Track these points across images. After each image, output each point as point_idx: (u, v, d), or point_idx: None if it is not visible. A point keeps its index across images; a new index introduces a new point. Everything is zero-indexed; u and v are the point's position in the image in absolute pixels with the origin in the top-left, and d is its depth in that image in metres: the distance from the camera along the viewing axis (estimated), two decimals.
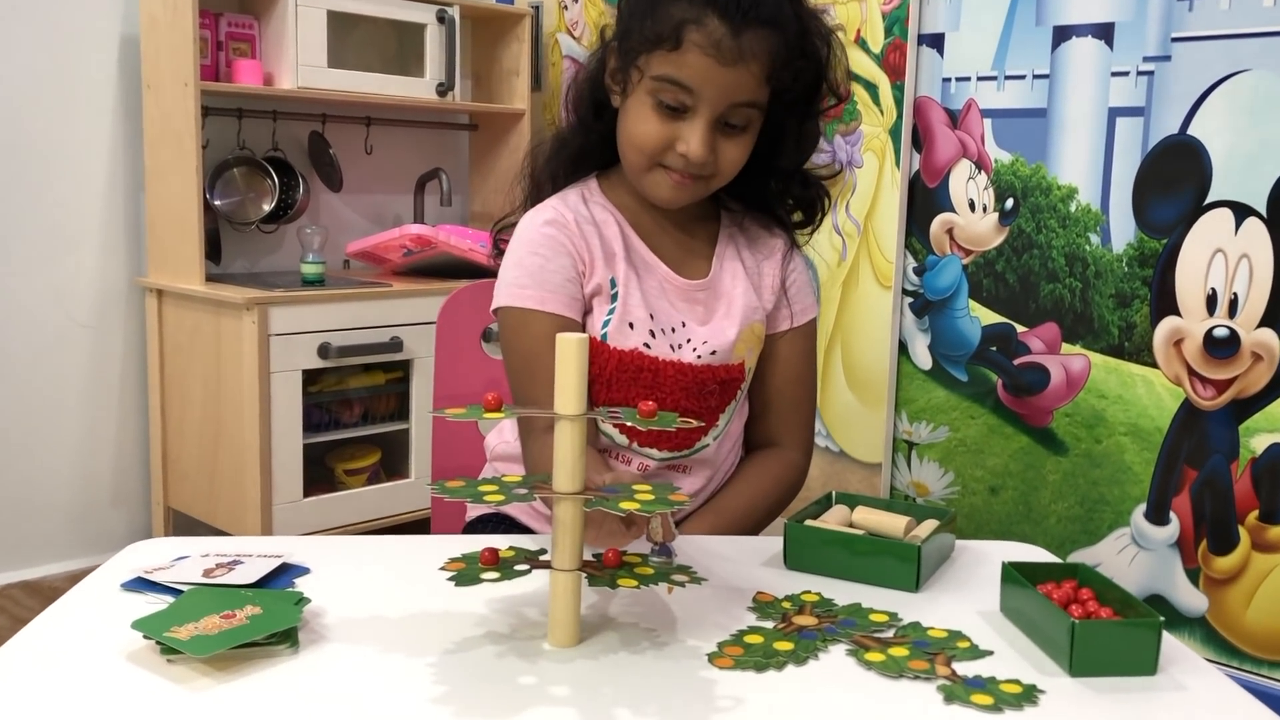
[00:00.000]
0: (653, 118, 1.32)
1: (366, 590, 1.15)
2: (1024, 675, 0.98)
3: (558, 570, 1.00)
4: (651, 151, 1.33)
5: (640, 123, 1.33)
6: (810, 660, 1.00)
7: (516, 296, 1.38)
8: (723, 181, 1.38)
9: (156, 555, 1.23)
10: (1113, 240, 2.28)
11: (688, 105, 1.30)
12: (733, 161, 1.35)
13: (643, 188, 1.39)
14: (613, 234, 1.42)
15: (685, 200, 1.38)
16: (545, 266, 1.38)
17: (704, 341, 1.42)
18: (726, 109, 1.30)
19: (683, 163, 1.32)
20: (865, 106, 2.66)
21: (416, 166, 3.50)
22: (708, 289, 1.44)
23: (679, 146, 1.31)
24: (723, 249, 1.47)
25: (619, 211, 1.44)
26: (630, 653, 1.00)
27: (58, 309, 2.93)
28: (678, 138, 1.31)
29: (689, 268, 1.45)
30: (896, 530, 1.27)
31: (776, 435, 1.53)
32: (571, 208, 1.41)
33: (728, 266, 1.46)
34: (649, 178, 1.37)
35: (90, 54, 2.90)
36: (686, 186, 1.35)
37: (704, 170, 1.34)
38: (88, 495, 3.00)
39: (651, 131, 1.32)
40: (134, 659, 0.97)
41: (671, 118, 1.31)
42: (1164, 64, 2.17)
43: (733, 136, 1.33)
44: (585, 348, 0.99)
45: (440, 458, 1.76)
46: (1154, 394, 2.23)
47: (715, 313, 1.44)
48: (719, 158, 1.33)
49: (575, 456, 0.99)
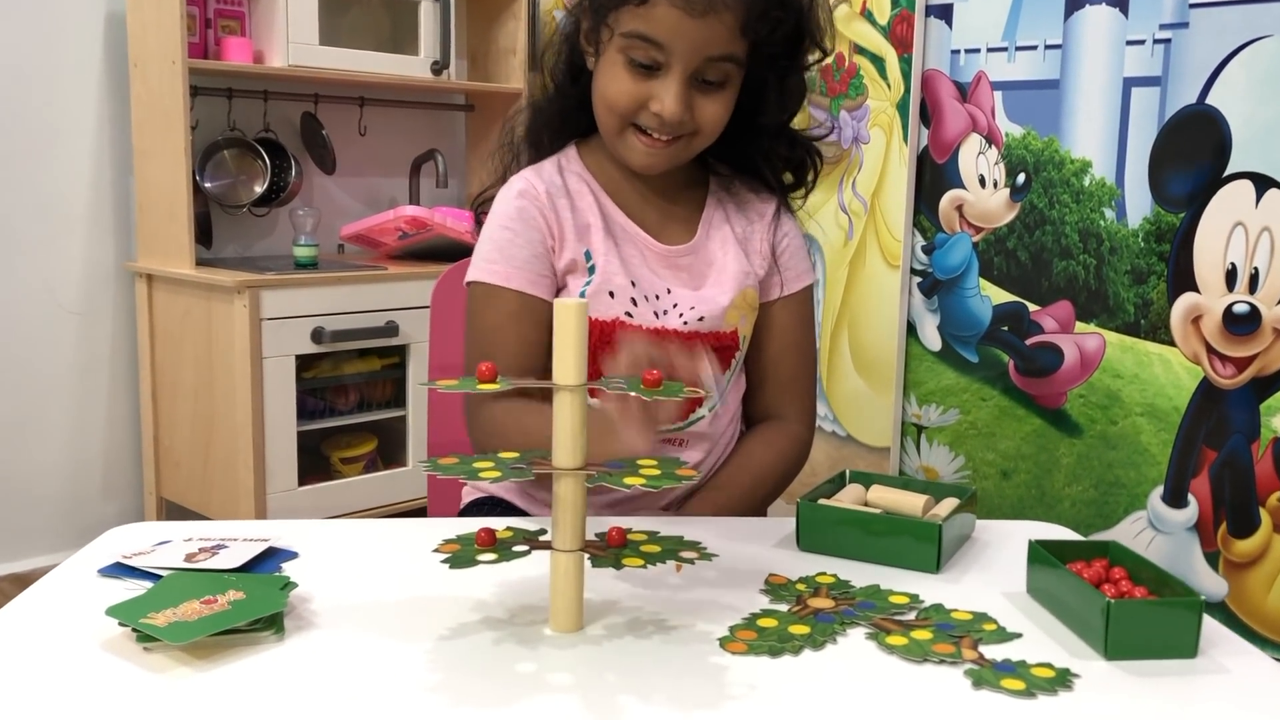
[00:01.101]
0: (624, 76, 1.27)
1: (357, 574, 1.10)
2: (1056, 659, 0.93)
3: (558, 551, 0.95)
4: (624, 111, 1.29)
5: (612, 82, 1.28)
6: (828, 644, 0.95)
7: (484, 271, 1.35)
8: (705, 142, 1.33)
9: (137, 540, 1.18)
10: (1128, 215, 2.22)
11: (660, 62, 1.25)
12: (713, 120, 1.30)
13: (618, 152, 1.34)
14: (587, 204, 1.37)
15: (663, 164, 1.33)
16: (514, 241, 1.34)
17: (691, 308, 1.37)
18: (701, 64, 1.25)
19: (657, 122, 1.27)
20: (872, 80, 2.60)
21: (411, 148, 3.45)
22: (692, 254, 1.39)
23: (653, 105, 1.26)
24: (710, 214, 1.42)
25: (596, 179, 1.39)
26: (636, 638, 0.95)
27: (45, 295, 2.88)
28: (651, 96, 1.26)
29: (671, 234, 1.40)
30: (915, 509, 1.21)
31: (776, 407, 1.48)
32: (545, 179, 1.37)
33: (715, 232, 1.41)
34: (623, 141, 1.32)
35: (75, 32, 2.84)
36: (660, 150, 1.30)
37: (681, 130, 1.29)
38: (78, 485, 2.95)
39: (623, 91, 1.27)
40: (108, 647, 0.92)
41: (644, 76, 1.26)
42: (1181, 31, 2.11)
43: (710, 93, 1.28)
44: (584, 314, 0.93)
45: (436, 443, 1.71)
46: (1171, 373, 2.17)
47: (704, 279, 1.39)
48: (697, 116, 1.28)
49: (575, 430, 0.94)
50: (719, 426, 1.43)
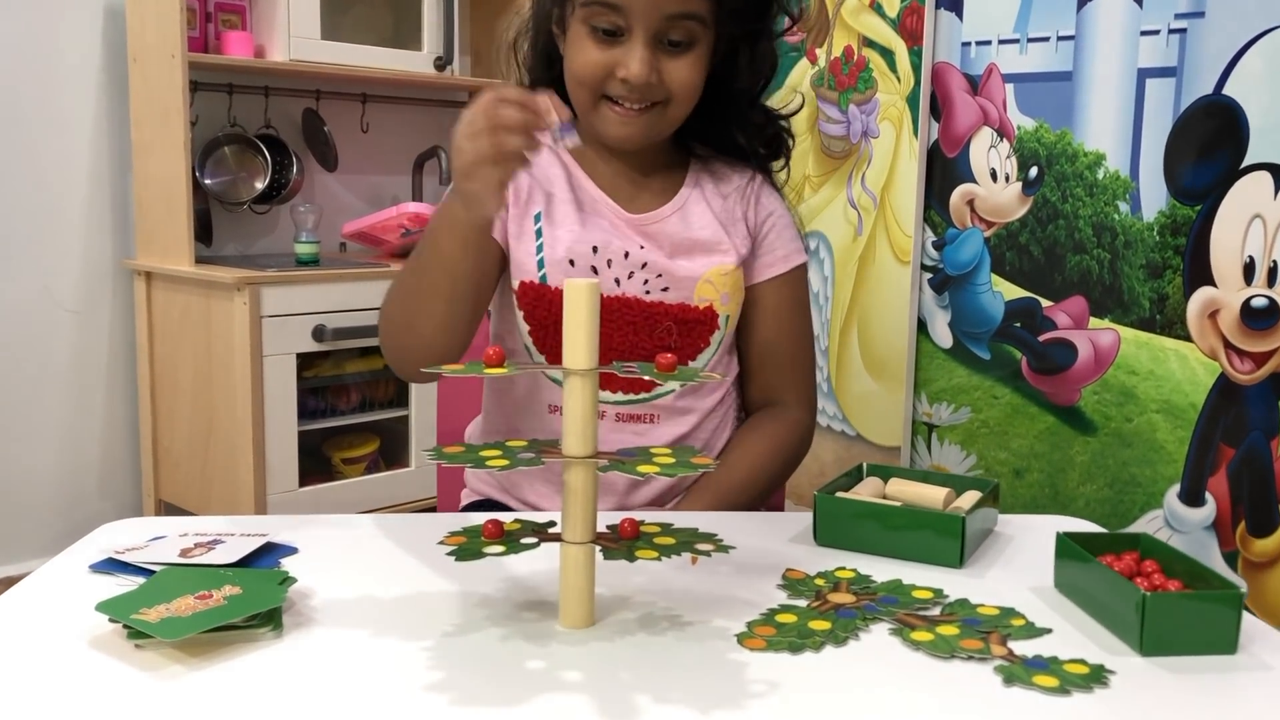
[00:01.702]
0: (589, 46, 1.26)
1: (358, 570, 1.06)
2: (1089, 655, 0.89)
3: (569, 543, 0.91)
4: (592, 82, 1.27)
5: (578, 54, 1.27)
6: (850, 640, 0.91)
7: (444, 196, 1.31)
8: (681, 109, 1.31)
9: (131, 535, 1.14)
10: (1143, 208, 2.18)
11: (621, 26, 1.24)
12: (683, 82, 1.28)
13: (593, 128, 1.32)
14: (555, 175, 1.36)
15: (639, 135, 1.31)
16: None
17: (658, 275, 1.34)
18: (662, 24, 1.24)
19: (626, 89, 1.26)
20: (881, 74, 2.56)
21: (414, 145, 3.42)
22: (664, 221, 1.36)
23: (619, 72, 1.25)
24: (688, 190, 1.39)
25: (572, 158, 1.38)
26: (650, 634, 0.92)
27: (43, 293, 2.84)
28: (617, 63, 1.25)
29: (645, 206, 1.38)
30: (936, 502, 1.18)
31: (774, 392, 1.45)
32: None
33: (693, 206, 1.38)
34: (596, 115, 1.30)
35: (73, 25, 2.81)
36: (634, 119, 1.28)
37: (652, 95, 1.27)
38: (75, 486, 2.92)
39: (589, 61, 1.26)
40: (98, 644, 0.88)
41: (609, 44, 1.25)
42: (1197, 21, 2.07)
43: (677, 55, 1.26)
44: (596, 294, 0.89)
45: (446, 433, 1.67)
46: (1188, 369, 2.13)
47: (677, 249, 1.36)
48: (666, 79, 1.27)
49: (587, 416, 0.90)
50: (696, 404, 1.39)
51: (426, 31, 3.13)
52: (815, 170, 2.71)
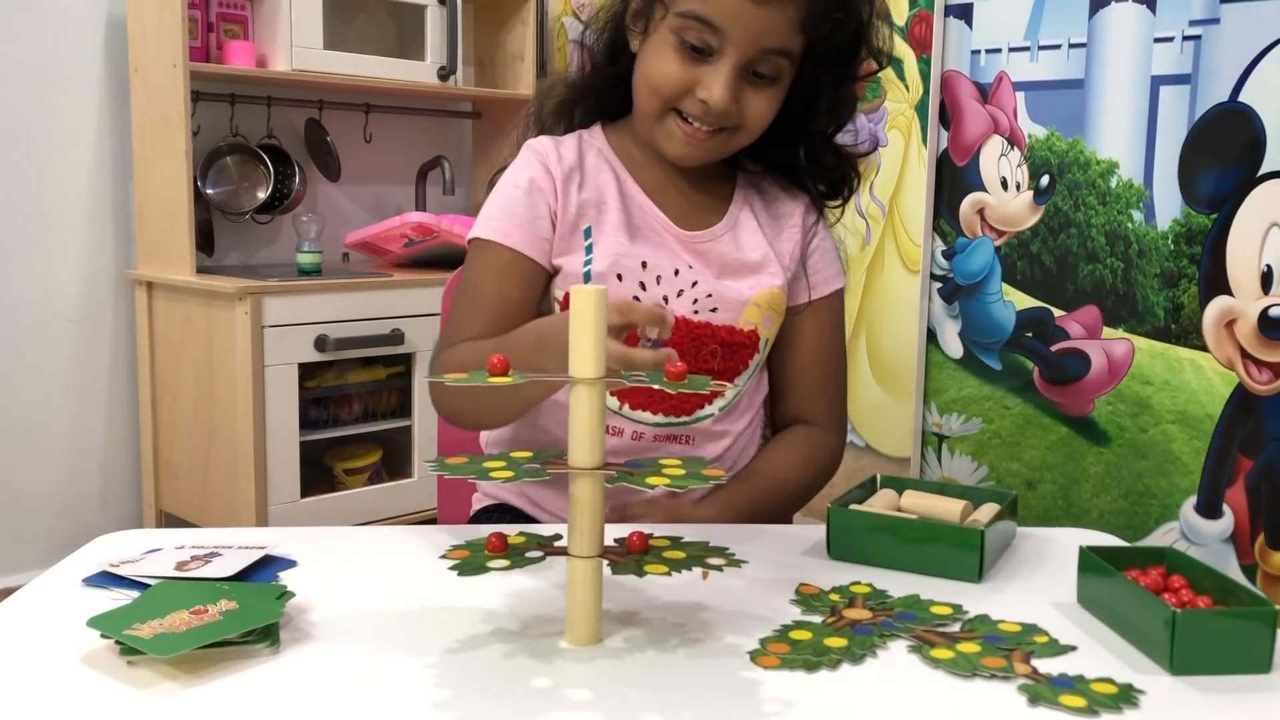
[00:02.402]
0: (673, 58, 1.22)
1: (359, 584, 1.03)
2: (1116, 674, 0.86)
3: (575, 557, 0.88)
4: (669, 94, 1.23)
5: (660, 63, 1.23)
6: (867, 658, 0.88)
7: (484, 227, 1.30)
8: (749, 139, 1.27)
9: (126, 547, 1.11)
10: (1157, 217, 2.15)
11: (713, 46, 1.19)
12: (759, 115, 1.24)
13: (654, 138, 1.28)
14: (605, 182, 1.32)
15: (700, 158, 1.27)
16: (520, 200, 1.29)
17: (708, 295, 1.30)
18: (756, 55, 1.20)
19: (702, 110, 1.22)
20: (890, 82, 2.54)
21: (418, 155, 3.39)
22: (715, 240, 1.33)
23: (699, 92, 1.21)
24: (738, 209, 1.35)
25: (620, 160, 1.34)
26: (659, 651, 0.88)
27: (43, 303, 2.82)
28: (699, 82, 1.21)
29: (694, 221, 1.33)
30: (952, 515, 1.14)
31: (805, 413, 1.42)
32: (562, 152, 1.32)
33: (743, 223, 1.35)
34: (661, 127, 1.26)
35: (74, 35, 2.80)
36: (699, 141, 1.25)
37: (725, 121, 1.23)
38: (75, 498, 2.89)
39: (671, 73, 1.22)
40: (89, 661, 0.86)
41: (695, 60, 1.21)
42: (1212, 27, 2.05)
43: (761, 88, 1.23)
44: (604, 301, 0.86)
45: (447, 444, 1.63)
46: (1204, 379, 2.10)
47: (726, 269, 1.32)
48: (744, 109, 1.23)
49: (594, 426, 0.87)
50: (731, 427, 1.36)
51: (430, 41, 3.11)
52: None
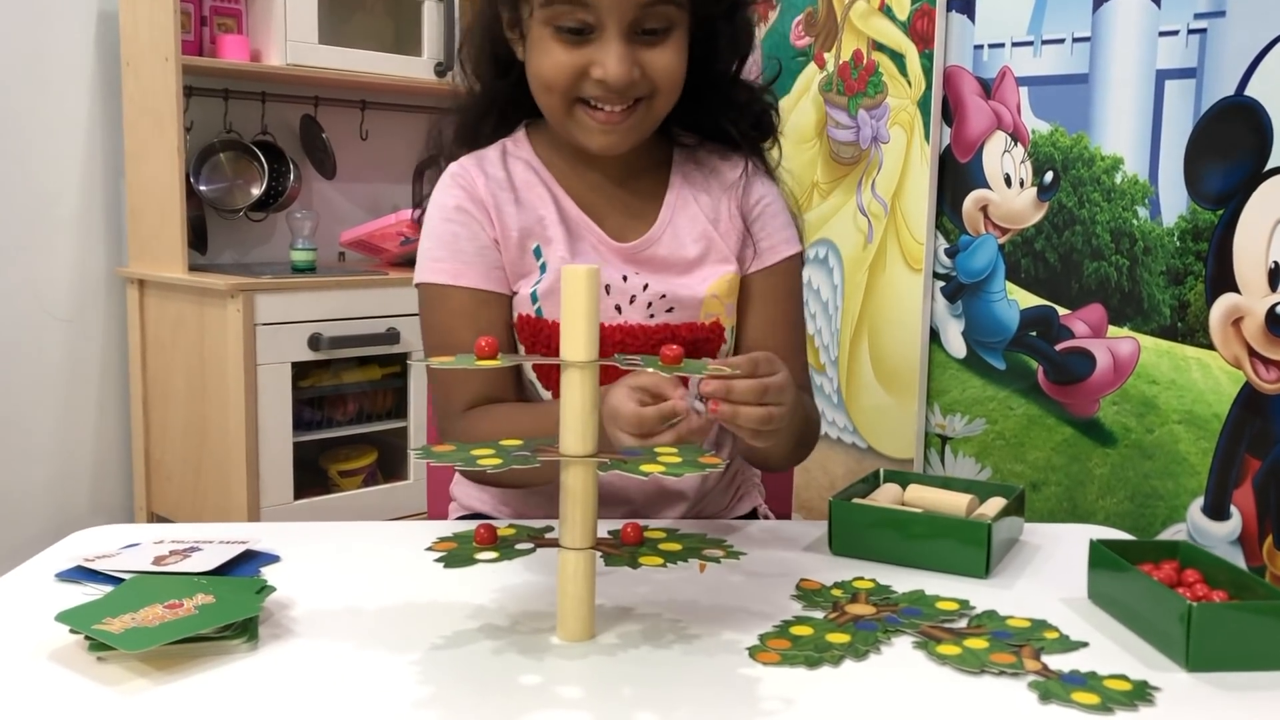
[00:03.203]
0: (557, 48, 1.13)
1: (342, 579, 1.00)
2: (1130, 670, 0.83)
3: (567, 549, 0.85)
4: (564, 87, 1.14)
5: (545, 58, 1.14)
6: (871, 654, 0.85)
7: (431, 270, 1.21)
8: (667, 102, 1.17)
9: (104, 542, 1.08)
10: (1163, 213, 2.11)
11: (590, 23, 1.11)
12: (666, 72, 1.14)
13: (572, 137, 1.19)
14: (538, 197, 1.23)
15: (627, 140, 1.18)
16: (459, 235, 1.21)
17: (661, 296, 1.22)
18: (636, 13, 1.11)
19: (603, 90, 1.13)
20: (891, 78, 2.50)
21: (414, 153, 3.30)
22: (653, 244, 1.24)
23: (594, 72, 1.12)
24: (674, 198, 1.27)
25: (548, 169, 1.25)
26: (654, 647, 0.85)
27: (33, 302, 2.78)
28: (590, 62, 1.12)
29: (629, 228, 1.25)
30: (958, 509, 1.11)
31: None
32: (487, 170, 1.23)
33: (681, 214, 1.26)
34: (574, 122, 1.17)
35: (65, 28, 2.75)
36: (617, 124, 1.16)
37: (633, 91, 1.14)
38: (64, 499, 2.85)
39: (559, 63, 1.13)
40: (57, 657, 0.82)
41: (578, 43, 1.12)
42: (1218, 20, 2.01)
43: (656, 43, 1.13)
44: (596, 281, 0.83)
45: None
46: (1211, 378, 2.06)
47: (672, 268, 1.24)
48: (648, 72, 1.14)
49: (586, 412, 0.83)
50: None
51: (427, 37, 3.07)
52: (824, 177, 2.65)
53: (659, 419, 0.90)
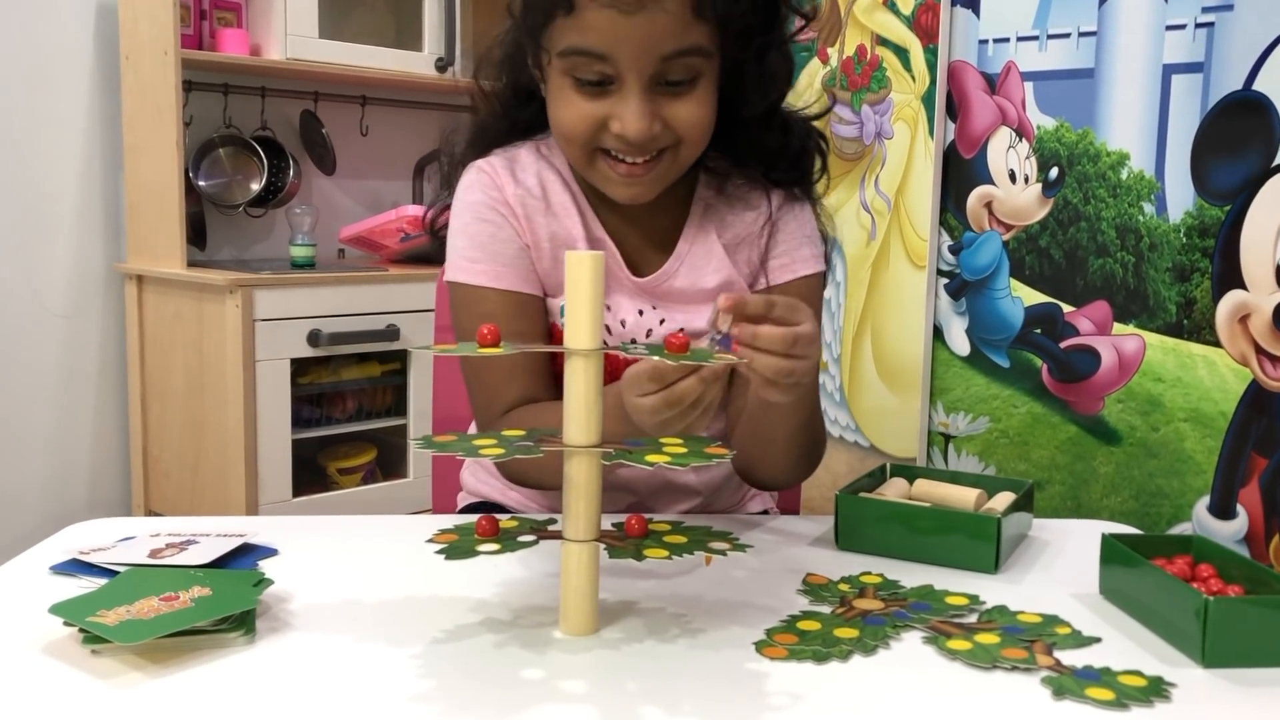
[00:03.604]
0: (576, 100, 1.07)
1: (341, 572, 0.98)
2: (1144, 665, 0.81)
3: (570, 541, 0.83)
4: (584, 140, 1.09)
5: (565, 109, 1.09)
6: (880, 649, 0.83)
7: (467, 271, 1.17)
8: (691, 150, 1.11)
9: (100, 535, 1.06)
10: (1169, 209, 2.10)
11: (609, 75, 1.05)
12: (690, 124, 1.08)
13: (596, 184, 1.15)
14: (568, 211, 1.19)
15: (651, 191, 1.13)
16: (496, 235, 1.17)
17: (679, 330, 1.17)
18: (656, 66, 1.04)
19: (623, 144, 1.07)
20: (895, 73, 2.49)
21: (415, 149, 3.34)
22: (670, 279, 1.20)
23: (613, 126, 1.06)
24: (693, 230, 1.22)
25: (580, 188, 1.20)
26: (659, 641, 0.84)
27: (31, 297, 2.76)
28: (610, 115, 1.06)
29: (648, 261, 1.21)
30: (966, 504, 1.10)
31: None
32: (518, 176, 1.18)
33: (698, 250, 1.21)
34: (596, 172, 1.12)
35: (64, 22, 2.74)
36: (640, 177, 1.10)
37: (656, 144, 1.08)
38: (62, 497, 2.83)
39: (578, 116, 1.08)
40: (50, 650, 0.81)
41: (598, 95, 1.06)
42: (1225, 14, 2.00)
43: (680, 95, 1.07)
44: (600, 267, 0.82)
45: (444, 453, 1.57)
46: (1217, 375, 2.04)
47: (688, 299, 1.21)
48: (672, 124, 1.07)
49: (590, 401, 0.82)
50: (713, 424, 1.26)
51: (427, 32, 3.05)
52: None
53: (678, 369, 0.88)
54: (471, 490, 1.37)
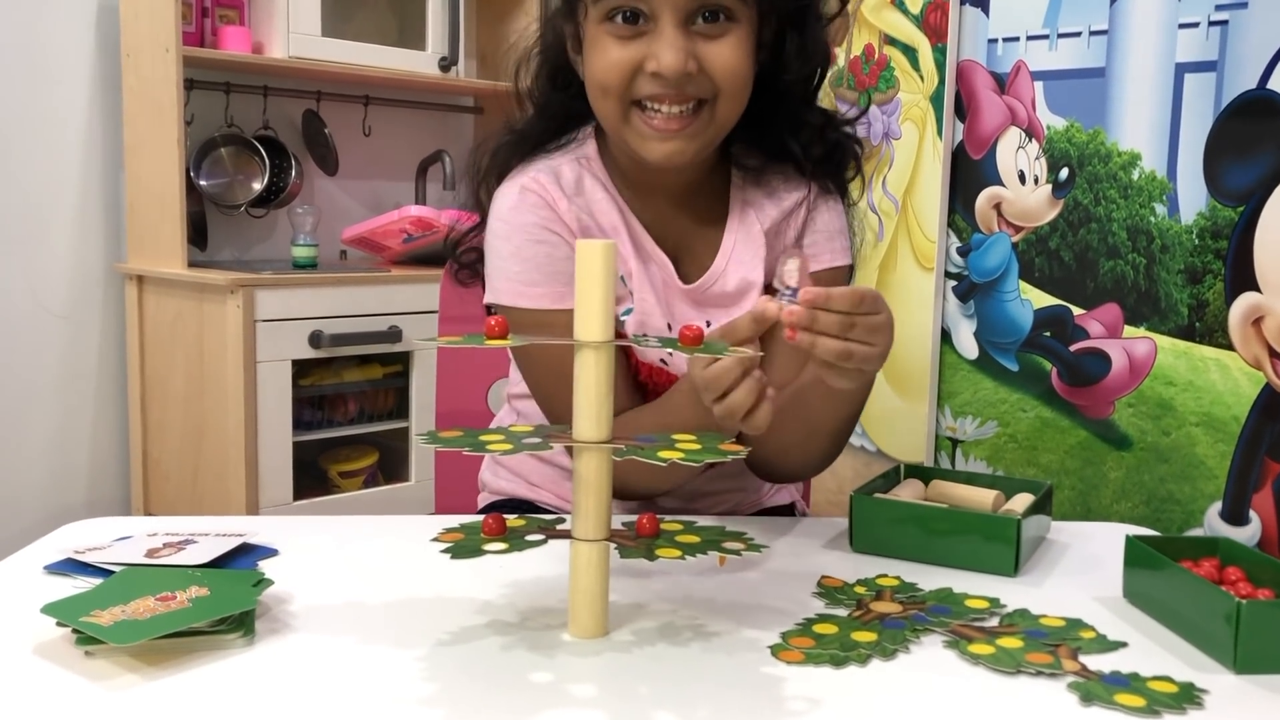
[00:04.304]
0: (611, 45, 1.07)
1: (343, 572, 0.96)
2: (1174, 671, 0.79)
3: (580, 541, 0.81)
4: (620, 85, 1.07)
5: (600, 57, 1.08)
6: (900, 653, 0.81)
7: (528, 296, 1.12)
8: (730, 105, 1.09)
9: (96, 535, 1.04)
10: (1181, 210, 2.07)
11: (645, 12, 1.05)
12: (728, 67, 1.07)
13: (631, 147, 1.11)
14: (613, 224, 1.17)
15: (688, 150, 1.09)
16: (553, 255, 1.13)
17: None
18: (692, 2, 1.04)
19: (660, 86, 1.05)
20: (903, 72, 2.46)
21: (418, 150, 3.32)
22: (716, 280, 1.18)
23: (649, 65, 1.05)
24: (735, 225, 1.20)
25: (619, 190, 1.18)
26: (671, 644, 0.81)
27: (30, 297, 2.73)
28: (646, 55, 1.05)
29: (693, 263, 1.19)
30: (984, 505, 1.07)
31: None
32: (567, 191, 1.15)
33: (742, 248, 1.20)
34: (630, 130, 1.09)
35: (64, 19, 2.71)
36: (677, 130, 1.08)
37: (693, 87, 1.06)
38: (60, 499, 2.80)
39: (611, 61, 1.07)
40: (43, 651, 0.78)
41: (633, 36, 1.06)
42: (1239, 12, 1.97)
43: (716, 37, 1.06)
44: (612, 255, 0.79)
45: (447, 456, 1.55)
46: (1230, 379, 2.02)
47: (731, 299, 1.19)
48: (708, 66, 1.06)
49: (601, 395, 0.79)
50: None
51: (431, 31, 3.03)
52: None
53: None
54: (494, 489, 1.33)
